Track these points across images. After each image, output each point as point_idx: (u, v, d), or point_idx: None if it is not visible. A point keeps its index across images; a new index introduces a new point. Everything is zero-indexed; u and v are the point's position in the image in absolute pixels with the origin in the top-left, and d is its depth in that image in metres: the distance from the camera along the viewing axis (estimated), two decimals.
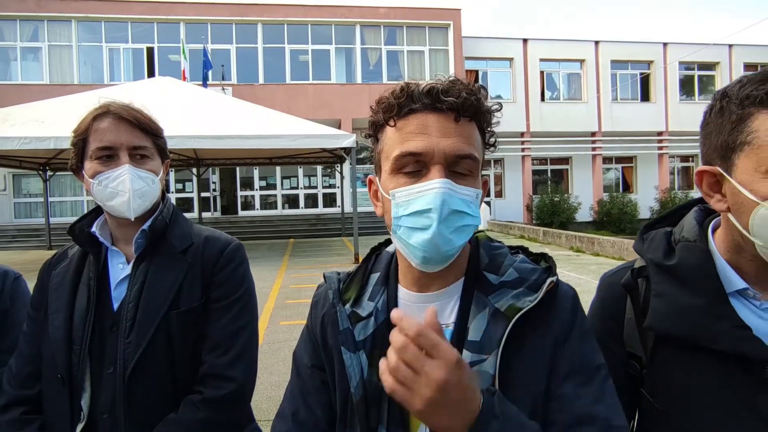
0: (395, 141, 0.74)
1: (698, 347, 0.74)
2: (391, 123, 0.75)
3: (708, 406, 0.74)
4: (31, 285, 1.33)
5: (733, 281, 0.75)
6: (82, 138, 1.09)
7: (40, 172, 13.75)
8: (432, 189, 0.70)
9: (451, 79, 0.74)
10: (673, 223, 0.88)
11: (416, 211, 0.71)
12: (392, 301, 0.82)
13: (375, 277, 0.86)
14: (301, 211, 18.70)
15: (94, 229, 1.12)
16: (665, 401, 0.79)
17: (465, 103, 0.72)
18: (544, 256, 0.83)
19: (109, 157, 1.08)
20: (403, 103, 0.73)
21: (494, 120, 0.78)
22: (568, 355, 0.73)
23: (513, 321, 0.72)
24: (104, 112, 1.09)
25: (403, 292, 0.82)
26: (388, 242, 0.91)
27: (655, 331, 0.79)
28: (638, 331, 0.83)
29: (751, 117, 0.68)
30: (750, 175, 0.68)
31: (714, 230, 0.81)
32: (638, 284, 0.85)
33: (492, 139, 0.79)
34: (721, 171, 0.72)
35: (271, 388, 3.70)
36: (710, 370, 0.74)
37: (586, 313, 0.93)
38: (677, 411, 0.77)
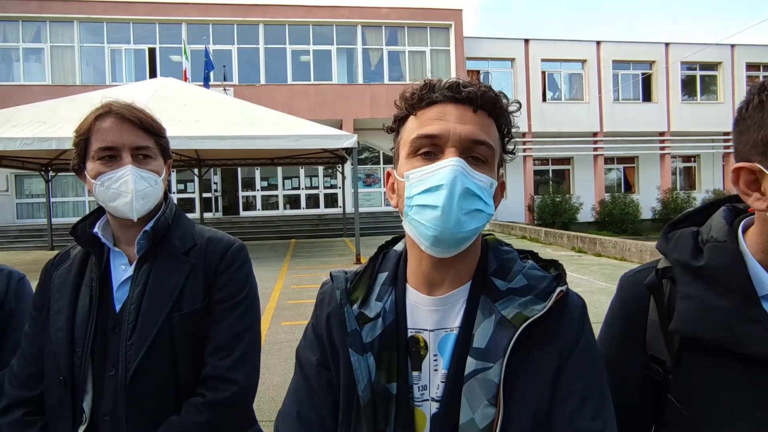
0: (414, 128, 0.76)
1: (728, 351, 0.71)
2: (414, 113, 0.77)
3: (738, 412, 0.71)
4: (33, 285, 1.33)
5: (765, 283, 0.72)
6: (84, 138, 1.08)
7: (42, 173, 13.78)
8: (445, 166, 0.71)
9: (474, 78, 0.77)
10: (698, 223, 0.84)
11: (428, 188, 0.72)
12: (400, 302, 0.80)
13: (383, 276, 0.85)
14: (303, 211, 18.70)
15: (96, 229, 1.11)
16: (693, 407, 0.76)
17: (484, 95, 0.74)
18: (554, 263, 0.82)
19: (111, 157, 1.07)
20: (425, 95, 0.75)
21: (513, 124, 0.79)
22: (572, 369, 0.73)
23: (519, 330, 0.71)
24: (106, 111, 1.08)
25: (411, 293, 0.81)
26: (396, 241, 0.90)
27: (682, 334, 0.75)
28: (663, 333, 0.79)
29: None
30: None
31: (744, 230, 0.78)
32: (663, 285, 0.81)
33: (510, 146, 0.80)
34: (762, 168, 0.68)
35: (272, 389, 3.70)
36: (741, 375, 0.71)
37: (605, 313, 0.92)
38: (706, 417, 0.74)
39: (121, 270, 1.11)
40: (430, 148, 0.74)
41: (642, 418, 0.85)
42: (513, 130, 0.80)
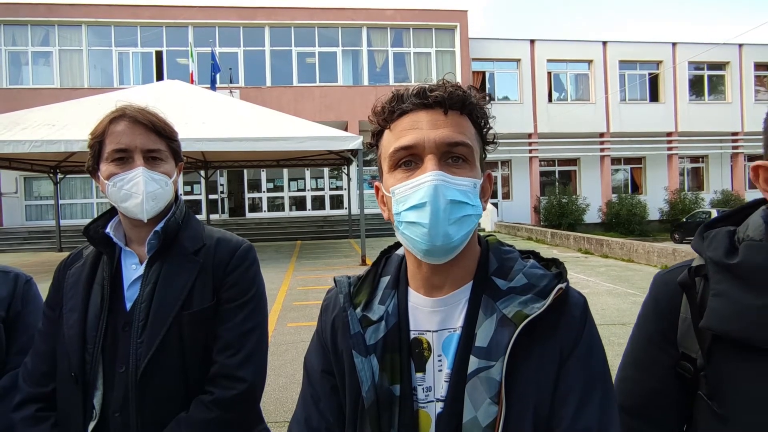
0: (390, 141, 0.77)
1: (759, 349, 0.71)
2: (387, 127, 0.78)
3: None
4: (41, 286, 1.35)
5: None
6: (98, 140, 1.11)
7: (51, 175, 13.92)
8: (425, 182, 0.72)
9: (441, 80, 0.77)
10: (736, 223, 0.84)
11: (413, 205, 0.73)
12: (402, 305, 0.81)
13: (385, 280, 0.86)
14: (308, 213, 18.76)
15: (108, 230, 1.14)
16: (725, 405, 0.76)
17: (451, 96, 0.74)
18: (555, 262, 0.82)
19: (124, 159, 1.10)
20: (395, 107, 0.77)
21: (491, 116, 0.80)
22: (573, 367, 0.73)
23: (519, 328, 0.72)
24: (120, 115, 1.11)
25: (413, 296, 0.82)
26: (398, 245, 0.91)
27: (713, 331, 0.76)
28: (695, 331, 0.80)
29: None
30: None
31: None
32: (696, 283, 0.81)
33: (491, 135, 0.81)
34: None
35: (278, 390, 3.71)
36: None
37: (639, 311, 0.93)
38: (737, 414, 0.75)
39: (132, 269, 1.13)
40: (409, 159, 0.75)
41: (673, 417, 0.85)
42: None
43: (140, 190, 1.08)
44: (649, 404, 0.76)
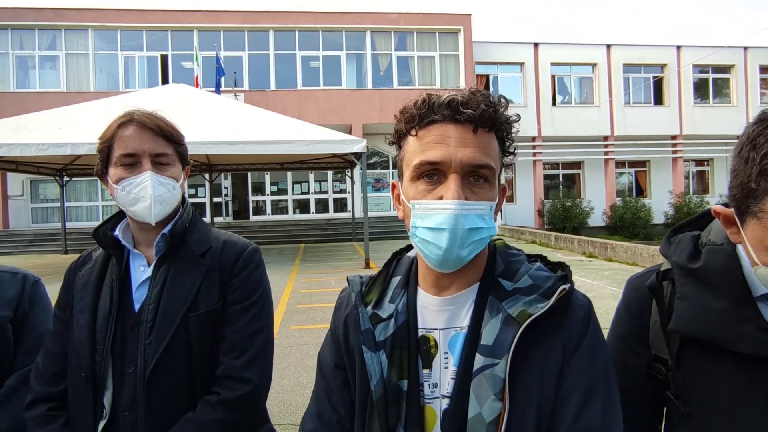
0: (416, 150, 0.77)
1: (723, 350, 0.74)
2: (413, 132, 0.78)
3: (733, 408, 0.74)
4: (47, 288, 1.37)
5: (760, 285, 0.74)
6: (107, 145, 1.13)
7: (57, 178, 14.02)
8: (446, 209, 0.73)
9: (471, 90, 0.77)
10: (701, 227, 0.87)
11: (431, 226, 0.75)
12: (412, 304, 0.84)
13: (396, 280, 0.89)
14: (312, 216, 18.78)
15: (116, 232, 1.16)
16: (690, 404, 0.79)
17: (483, 114, 0.74)
18: (561, 265, 0.85)
19: (132, 163, 1.12)
20: (425, 114, 0.76)
21: (514, 129, 0.80)
22: (575, 367, 0.75)
23: (523, 326, 0.74)
24: (128, 120, 1.13)
25: (422, 295, 0.85)
26: (410, 247, 0.94)
27: (680, 333, 0.79)
28: (663, 333, 0.83)
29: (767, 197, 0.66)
30: (756, 241, 0.69)
31: None
32: (663, 287, 0.85)
33: (511, 148, 0.82)
34: (736, 218, 0.72)
35: (282, 392, 3.72)
36: (735, 372, 0.74)
37: (613, 315, 0.96)
38: (702, 413, 0.78)
39: (140, 271, 1.16)
40: (432, 172, 0.76)
41: (648, 416, 0.89)
42: (514, 133, 0.81)
43: (148, 194, 1.10)
44: (625, 404, 0.80)
